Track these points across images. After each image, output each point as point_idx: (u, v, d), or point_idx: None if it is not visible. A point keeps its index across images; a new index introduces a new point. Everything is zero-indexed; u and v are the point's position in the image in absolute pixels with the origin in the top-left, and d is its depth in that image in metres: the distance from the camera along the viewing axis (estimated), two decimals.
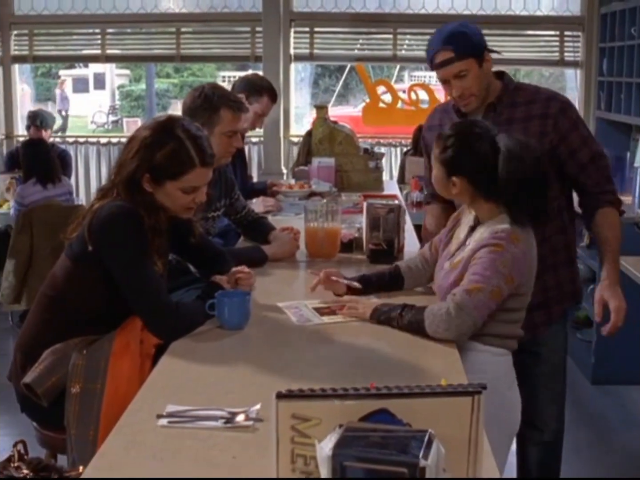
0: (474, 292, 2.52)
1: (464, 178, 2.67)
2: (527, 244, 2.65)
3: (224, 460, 1.73)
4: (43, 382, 2.55)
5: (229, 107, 3.46)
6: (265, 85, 4.85)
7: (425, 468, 1.24)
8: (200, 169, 2.67)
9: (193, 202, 2.73)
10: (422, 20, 8.03)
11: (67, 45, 8.64)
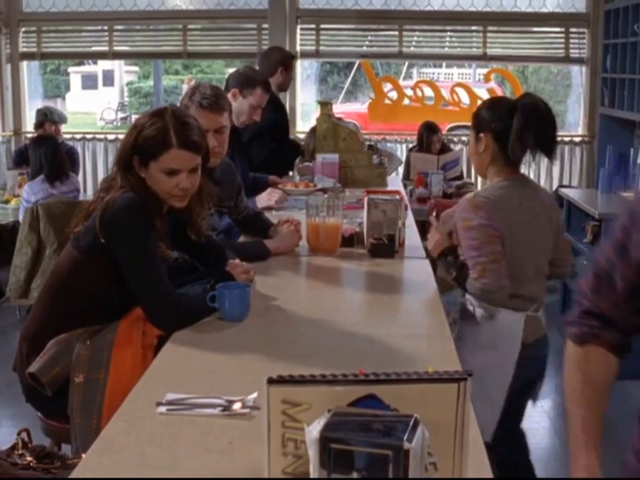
0: (482, 275, 3.05)
1: (489, 134, 3.18)
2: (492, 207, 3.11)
3: (220, 446, 1.78)
4: (47, 372, 2.60)
5: (195, 104, 3.50)
6: (257, 77, 4.85)
7: (409, 450, 1.28)
8: (177, 150, 2.69)
9: (177, 189, 2.74)
10: (428, 16, 8.08)
11: (75, 42, 8.71)
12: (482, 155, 3.24)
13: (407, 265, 3.55)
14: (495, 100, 3.54)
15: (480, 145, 3.22)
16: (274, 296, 3.02)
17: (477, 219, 3.08)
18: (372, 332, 2.66)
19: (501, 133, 3.14)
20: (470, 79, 15.29)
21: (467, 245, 3.11)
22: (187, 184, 2.74)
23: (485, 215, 3.08)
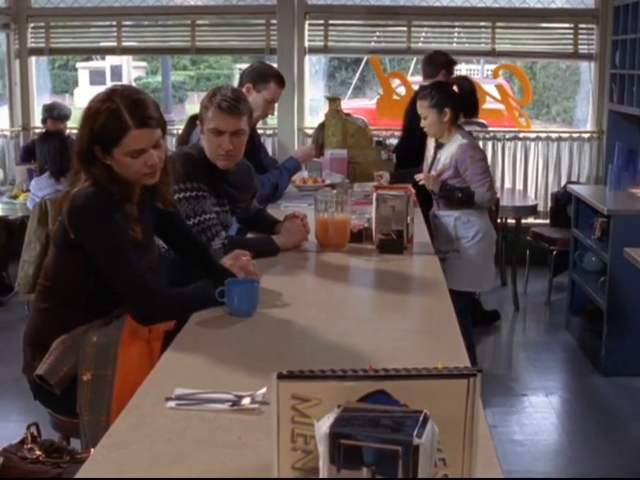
0: (490, 187, 4.79)
1: (449, 107, 4.77)
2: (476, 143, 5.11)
3: (229, 441, 1.78)
4: (55, 373, 2.60)
5: (214, 105, 3.50)
6: (270, 72, 4.87)
7: (419, 446, 1.28)
8: (136, 130, 2.61)
9: (146, 167, 2.68)
10: (436, 12, 8.07)
11: (84, 38, 8.70)
12: (444, 123, 4.80)
13: (415, 261, 3.56)
14: (441, 84, 5.07)
15: (444, 117, 4.77)
16: (283, 292, 3.02)
17: (479, 154, 4.86)
18: (381, 327, 2.67)
19: (457, 106, 4.81)
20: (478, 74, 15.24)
21: (476, 172, 4.73)
22: (154, 160, 2.69)
23: (480, 150, 5.01)
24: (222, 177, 3.66)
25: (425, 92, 4.90)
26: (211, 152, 3.57)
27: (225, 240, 3.49)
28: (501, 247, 7.43)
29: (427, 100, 4.83)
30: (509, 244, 7.31)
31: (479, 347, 6.06)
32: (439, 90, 4.87)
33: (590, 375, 5.43)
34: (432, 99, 4.81)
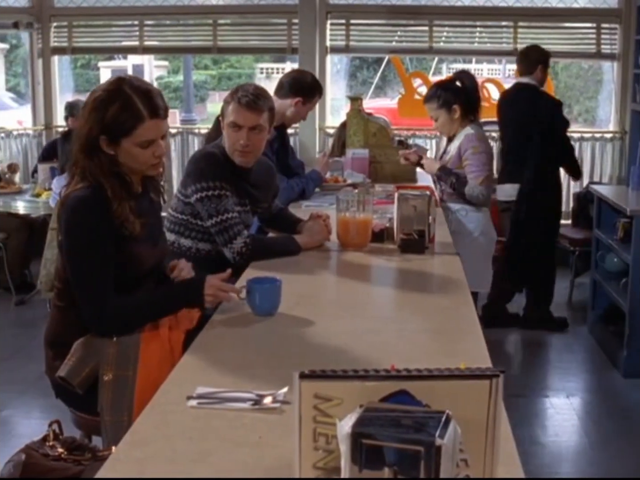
0: (483, 182, 4.81)
1: (458, 104, 4.84)
2: (485, 136, 5.07)
3: (250, 440, 1.78)
4: (77, 374, 2.59)
5: (235, 100, 3.54)
6: (317, 86, 5.11)
7: (441, 447, 1.27)
8: (150, 121, 2.61)
9: (154, 157, 2.69)
10: (458, 12, 8.04)
11: (106, 37, 8.74)
12: (455, 120, 4.88)
13: (437, 261, 3.55)
14: (444, 83, 5.10)
15: (454, 114, 4.86)
16: (304, 291, 3.02)
17: (483, 146, 4.87)
18: (402, 327, 2.66)
19: (464, 100, 4.87)
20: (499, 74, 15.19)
21: (474, 163, 4.78)
22: (162, 151, 2.71)
23: (486, 144, 4.97)
24: (243, 177, 3.67)
25: (430, 94, 4.98)
26: (229, 147, 3.59)
27: (247, 239, 3.49)
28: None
29: (435, 101, 4.91)
30: None
31: (499, 348, 6.05)
32: (444, 89, 4.93)
33: (611, 377, 5.40)
34: (439, 99, 4.89)
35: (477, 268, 4.71)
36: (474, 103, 4.95)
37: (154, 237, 2.86)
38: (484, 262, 4.93)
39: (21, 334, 5.97)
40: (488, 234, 4.98)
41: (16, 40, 10.69)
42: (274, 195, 3.98)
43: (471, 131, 4.85)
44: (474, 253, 4.73)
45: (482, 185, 4.79)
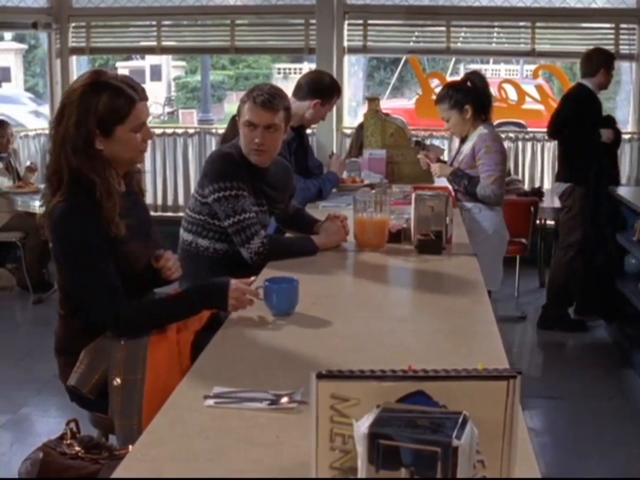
0: (495, 181, 4.81)
1: (470, 104, 4.84)
2: (499, 136, 5.06)
3: (267, 440, 1.78)
4: (87, 381, 2.58)
5: (250, 99, 3.55)
6: (335, 87, 5.09)
7: (458, 448, 1.27)
8: (140, 102, 2.64)
9: (143, 141, 2.70)
10: (476, 12, 8.01)
11: (124, 37, 8.76)
12: (467, 120, 4.89)
13: (454, 262, 3.54)
14: (455, 84, 5.13)
15: (466, 114, 4.87)
16: (321, 291, 3.02)
17: (497, 146, 4.85)
18: (419, 328, 2.66)
19: (476, 101, 4.87)
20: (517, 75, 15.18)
21: (487, 162, 4.79)
22: (149, 135, 2.73)
23: (499, 143, 4.93)
24: (260, 177, 3.68)
25: (442, 94, 5.00)
26: (245, 147, 3.60)
27: (265, 239, 3.50)
28: (540, 249, 7.40)
29: (446, 102, 4.93)
30: (547, 245, 7.26)
31: (516, 349, 6.05)
32: (455, 90, 4.96)
33: (628, 378, 5.39)
34: (450, 99, 4.91)
35: (488, 266, 4.68)
36: (485, 103, 4.97)
37: (144, 234, 2.83)
38: (495, 260, 4.93)
39: (38, 333, 5.98)
40: (501, 233, 5.00)
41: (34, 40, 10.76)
42: (290, 195, 3.98)
43: (485, 131, 4.87)
44: (486, 251, 4.68)
45: (494, 185, 4.79)
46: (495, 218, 4.91)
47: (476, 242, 4.52)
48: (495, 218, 4.91)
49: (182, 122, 15.93)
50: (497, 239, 4.92)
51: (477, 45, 8.30)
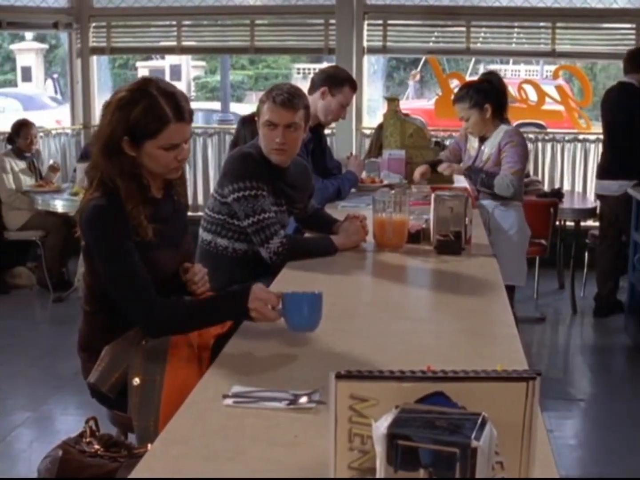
0: (516, 173, 4.84)
1: (490, 102, 4.86)
2: (521, 132, 5.17)
3: (286, 439, 1.78)
4: (107, 380, 2.58)
5: (270, 99, 3.56)
6: (345, 76, 4.98)
7: (477, 449, 1.27)
8: (175, 124, 2.56)
9: (176, 161, 2.64)
10: (496, 12, 8.00)
11: (144, 37, 8.80)
12: (487, 120, 4.91)
13: (473, 262, 3.53)
14: (475, 83, 5.21)
15: (486, 113, 4.88)
16: (340, 292, 3.02)
17: (520, 140, 4.93)
18: (438, 328, 2.66)
19: (495, 100, 4.90)
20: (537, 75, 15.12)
21: (510, 154, 4.82)
22: (185, 155, 2.67)
23: (523, 139, 5.01)
24: (280, 177, 3.68)
25: (461, 94, 5.03)
26: (266, 146, 3.61)
27: (284, 239, 3.50)
28: (559, 250, 7.37)
29: (466, 102, 4.95)
30: (567, 246, 7.24)
31: (535, 350, 6.03)
32: (475, 89, 4.99)
33: None
34: (470, 99, 4.94)
35: (512, 262, 4.78)
36: (504, 103, 5.02)
37: (175, 242, 2.81)
38: (519, 256, 4.96)
39: (58, 331, 6.02)
40: (522, 229, 5.02)
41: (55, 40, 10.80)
42: (309, 195, 3.98)
43: (509, 127, 4.94)
44: (509, 248, 4.80)
45: (514, 176, 4.82)
46: (516, 215, 4.92)
47: (498, 241, 4.54)
48: (516, 215, 4.92)
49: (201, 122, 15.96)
50: (519, 236, 4.93)
51: (497, 45, 8.29)
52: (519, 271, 4.92)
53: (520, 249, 4.98)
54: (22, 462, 4.09)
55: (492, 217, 4.82)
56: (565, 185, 8.06)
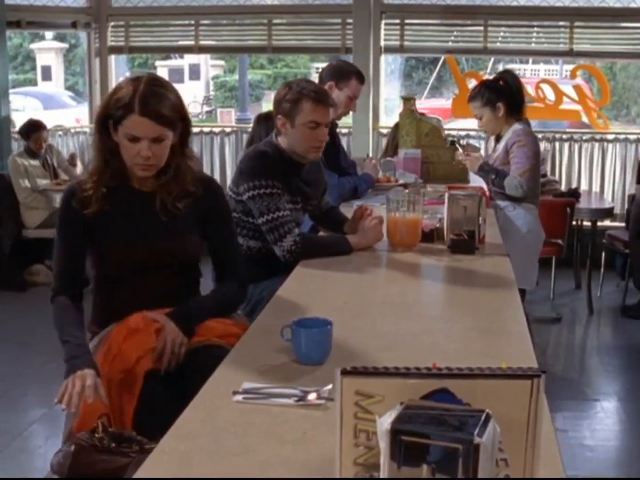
0: (524, 173, 4.83)
1: (503, 102, 4.90)
2: (532, 132, 5.09)
3: (294, 436, 1.79)
4: None
5: (309, 98, 3.55)
6: (351, 69, 5.00)
7: (479, 445, 1.28)
8: (137, 117, 2.62)
9: (139, 156, 2.67)
10: (513, 12, 7.99)
11: (162, 37, 8.84)
12: (500, 118, 4.94)
13: (487, 262, 3.53)
14: (488, 82, 5.18)
15: (499, 112, 4.92)
16: (352, 290, 3.03)
17: (529, 140, 4.87)
18: (449, 327, 2.67)
19: (509, 99, 4.91)
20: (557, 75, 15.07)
21: (517, 155, 4.82)
22: (146, 153, 2.66)
23: (532, 138, 4.97)
24: (296, 173, 3.70)
25: (474, 92, 5.04)
26: (305, 145, 3.63)
27: (298, 238, 3.51)
28: (576, 250, 7.35)
29: (479, 100, 5.01)
30: (584, 246, 7.22)
31: (551, 350, 6.02)
32: (488, 88, 5.02)
33: None
34: (482, 97, 4.99)
35: (522, 265, 4.69)
36: (518, 101, 5.00)
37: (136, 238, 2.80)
38: (530, 259, 4.94)
39: None
40: (535, 232, 5.01)
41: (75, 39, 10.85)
42: (323, 191, 3.99)
43: (519, 127, 4.93)
44: (521, 250, 4.75)
45: (523, 177, 4.81)
46: (529, 217, 4.90)
47: (511, 241, 4.51)
48: (529, 217, 4.90)
49: (220, 121, 15.99)
50: (531, 238, 4.91)
51: (515, 45, 8.27)
52: (527, 274, 4.86)
53: (531, 252, 4.94)
54: (38, 458, 4.13)
55: (501, 217, 4.79)
56: (582, 185, 8.04)
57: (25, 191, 7.34)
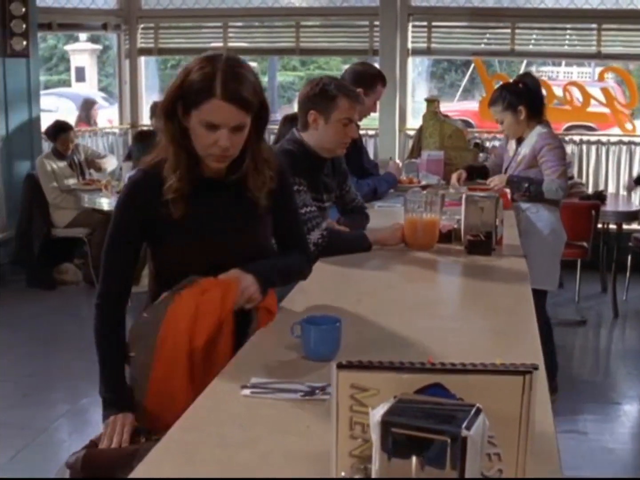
0: (561, 175, 4.78)
1: (524, 105, 4.83)
2: (556, 134, 5.12)
3: (298, 429, 1.83)
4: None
5: (346, 96, 3.64)
6: (376, 74, 5.03)
7: (467, 438, 1.31)
8: (219, 101, 2.37)
9: (216, 146, 2.43)
10: (541, 14, 7.98)
11: (191, 38, 8.92)
12: (521, 122, 4.87)
13: (503, 263, 3.54)
14: (509, 85, 5.15)
15: (520, 115, 4.84)
16: (366, 288, 3.07)
17: (557, 142, 4.88)
18: (460, 327, 2.69)
19: (529, 102, 4.85)
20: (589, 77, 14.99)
21: (550, 159, 4.76)
22: (225, 143, 2.42)
23: (559, 140, 4.99)
24: (321, 169, 3.77)
25: (495, 96, 4.99)
26: (337, 141, 3.72)
27: (324, 232, 3.55)
28: (602, 253, 7.33)
29: (500, 104, 4.93)
30: (610, 249, 7.20)
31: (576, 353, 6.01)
32: (509, 91, 4.95)
33: None
34: (504, 101, 4.91)
35: (545, 266, 4.75)
36: (539, 104, 4.95)
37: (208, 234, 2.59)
38: (552, 260, 4.90)
39: None
40: (557, 233, 4.96)
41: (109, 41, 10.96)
42: (344, 179, 4.03)
43: (544, 130, 4.87)
44: (543, 251, 4.76)
45: (560, 179, 4.77)
46: (551, 218, 4.88)
47: (532, 243, 4.53)
48: (551, 218, 4.88)
49: None
50: (553, 239, 4.89)
51: (542, 47, 8.26)
52: (550, 275, 4.85)
53: (553, 253, 4.92)
54: (63, 452, 4.18)
55: (523, 218, 4.80)
56: (609, 187, 8.01)
57: (54, 192, 7.44)
